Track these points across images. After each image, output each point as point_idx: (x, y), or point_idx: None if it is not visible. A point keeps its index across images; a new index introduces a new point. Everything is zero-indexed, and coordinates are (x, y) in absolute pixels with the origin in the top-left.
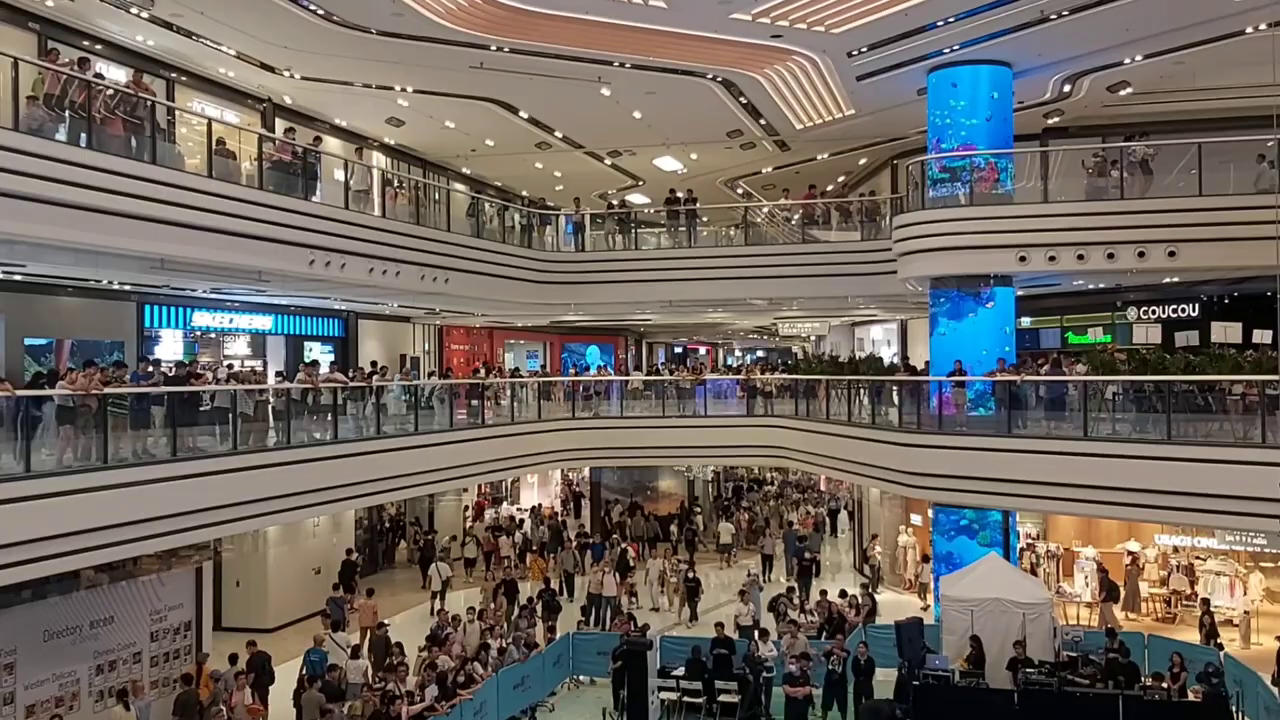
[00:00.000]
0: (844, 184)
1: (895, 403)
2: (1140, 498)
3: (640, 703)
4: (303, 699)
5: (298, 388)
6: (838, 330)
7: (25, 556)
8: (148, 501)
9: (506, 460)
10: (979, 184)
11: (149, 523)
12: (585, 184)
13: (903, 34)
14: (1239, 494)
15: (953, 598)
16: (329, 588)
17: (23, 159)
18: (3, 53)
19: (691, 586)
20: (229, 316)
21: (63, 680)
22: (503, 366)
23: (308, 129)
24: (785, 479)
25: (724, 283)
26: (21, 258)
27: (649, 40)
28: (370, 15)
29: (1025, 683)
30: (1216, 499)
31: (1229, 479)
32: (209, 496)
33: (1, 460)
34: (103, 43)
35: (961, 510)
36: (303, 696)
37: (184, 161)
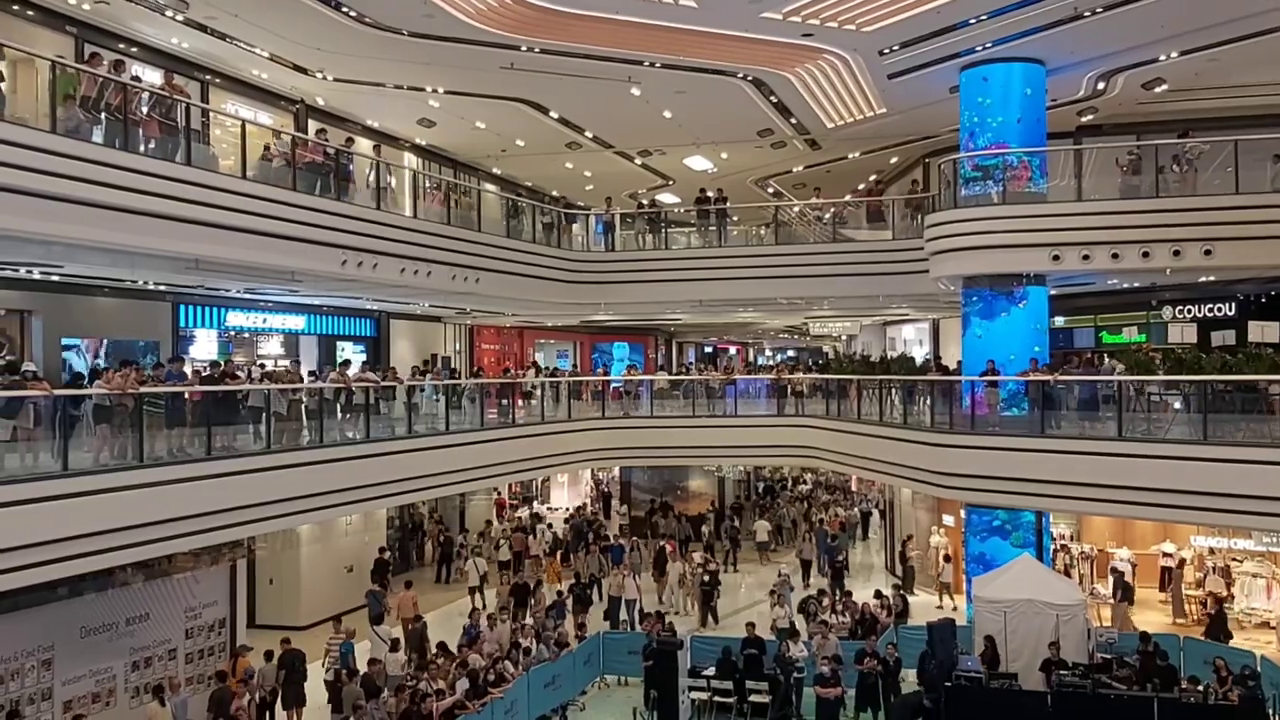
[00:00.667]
0: (877, 182)
1: (927, 403)
2: (1176, 499)
3: (671, 702)
4: (343, 692)
5: (330, 387)
6: (869, 330)
7: (63, 554)
8: (183, 500)
9: (536, 460)
10: (1012, 182)
11: (184, 520)
12: (615, 184)
13: (934, 32)
14: (1276, 495)
15: (985, 599)
16: (361, 586)
17: (60, 161)
18: (41, 55)
19: (707, 590)
20: (262, 316)
21: (99, 676)
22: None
23: (340, 130)
24: (817, 479)
25: (754, 282)
26: (59, 259)
27: (679, 40)
28: (402, 17)
29: (1059, 684)
30: (1253, 500)
31: (1266, 480)
32: (243, 495)
33: (40, 459)
34: (138, 45)
35: (994, 511)
36: (342, 690)
37: (218, 163)
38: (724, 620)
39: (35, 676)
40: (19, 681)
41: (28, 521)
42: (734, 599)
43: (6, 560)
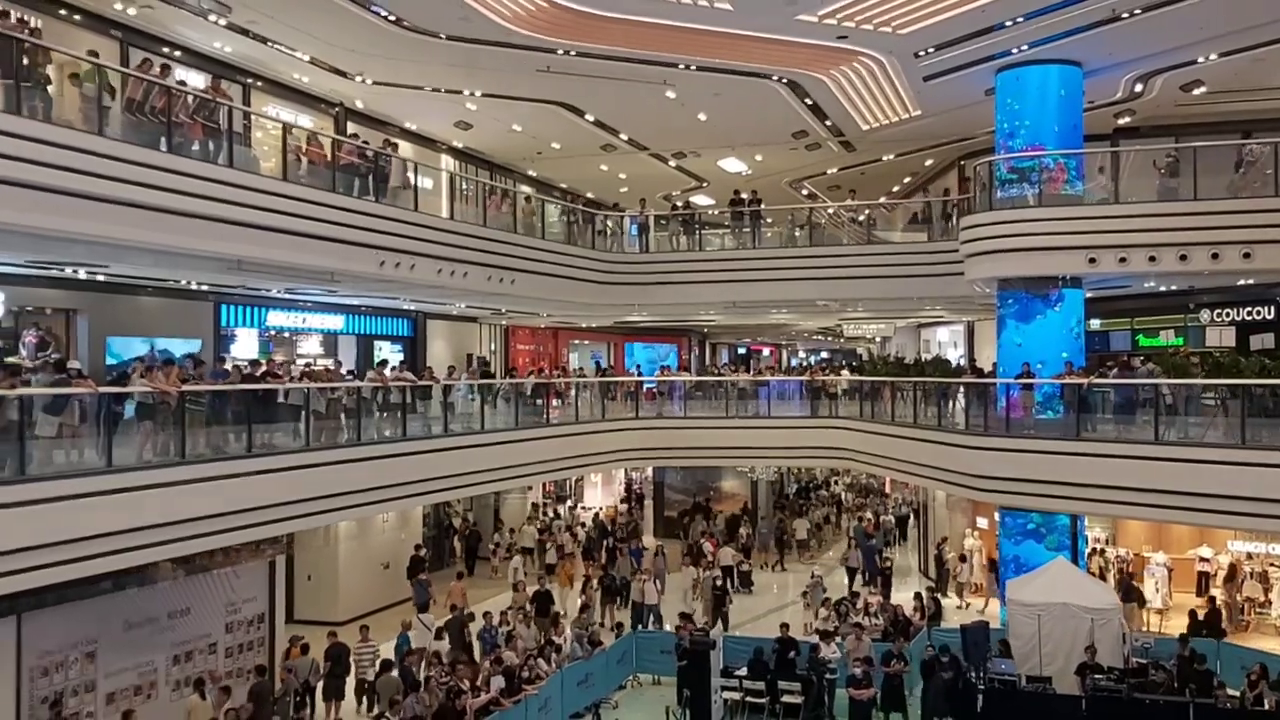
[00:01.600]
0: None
1: (961, 405)
2: (1213, 503)
3: (703, 702)
4: (378, 683)
5: (369, 386)
6: (903, 332)
7: (107, 549)
8: (223, 496)
9: (570, 459)
10: (1048, 185)
11: (224, 516)
12: (650, 185)
13: (971, 34)
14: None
15: (1020, 602)
16: (397, 583)
17: (107, 163)
18: (87, 59)
19: (719, 596)
20: (302, 316)
21: (141, 669)
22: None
23: (379, 132)
24: (848, 482)
25: (788, 284)
26: (104, 259)
27: (714, 42)
28: (439, 20)
29: (1093, 689)
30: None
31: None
32: (282, 492)
33: (84, 455)
34: (181, 49)
35: (1028, 514)
36: (378, 681)
37: (259, 165)
38: (756, 622)
39: (79, 669)
40: (63, 673)
41: (73, 516)
42: (766, 600)
43: (53, 554)
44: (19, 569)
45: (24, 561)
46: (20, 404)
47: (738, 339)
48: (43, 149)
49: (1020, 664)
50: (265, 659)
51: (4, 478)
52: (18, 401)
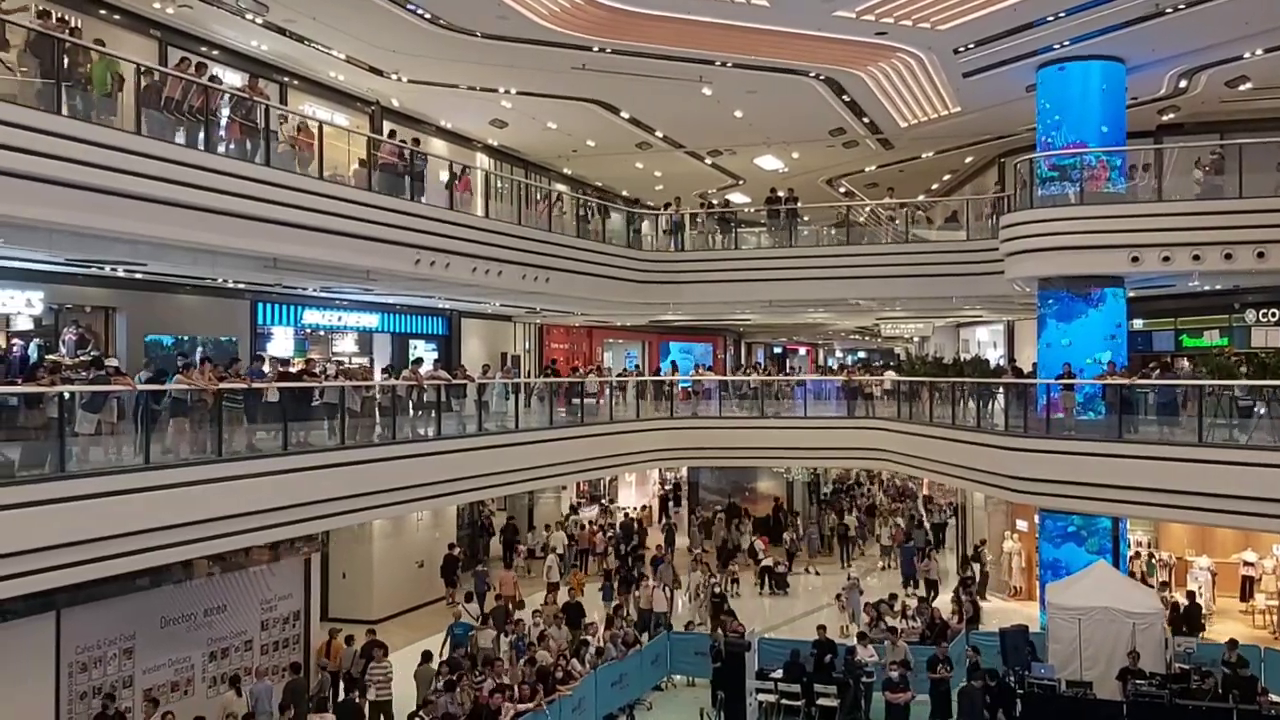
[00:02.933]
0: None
1: (1001, 406)
2: (1258, 506)
3: (738, 704)
4: (415, 673)
5: (403, 385)
6: (942, 331)
7: (145, 545)
8: (259, 494)
9: (604, 459)
10: (1090, 182)
11: (260, 514)
12: (685, 183)
13: (1011, 30)
14: None
15: (1060, 605)
16: (431, 582)
17: (147, 162)
18: (126, 58)
19: (717, 603)
20: (338, 314)
21: (178, 665)
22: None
23: (414, 131)
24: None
25: (824, 283)
26: (143, 257)
27: (751, 39)
28: (475, 18)
29: (1135, 695)
30: None
31: None
32: (317, 490)
33: (122, 452)
34: (219, 48)
35: (1069, 516)
36: (416, 671)
37: (295, 163)
38: (791, 624)
39: (117, 664)
40: (102, 669)
41: (111, 513)
42: (801, 602)
43: (91, 551)
44: (58, 565)
45: (63, 558)
46: (60, 401)
47: (774, 338)
48: (85, 149)
49: (1060, 669)
50: (300, 656)
51: (44, 474)
52: (57, 399)
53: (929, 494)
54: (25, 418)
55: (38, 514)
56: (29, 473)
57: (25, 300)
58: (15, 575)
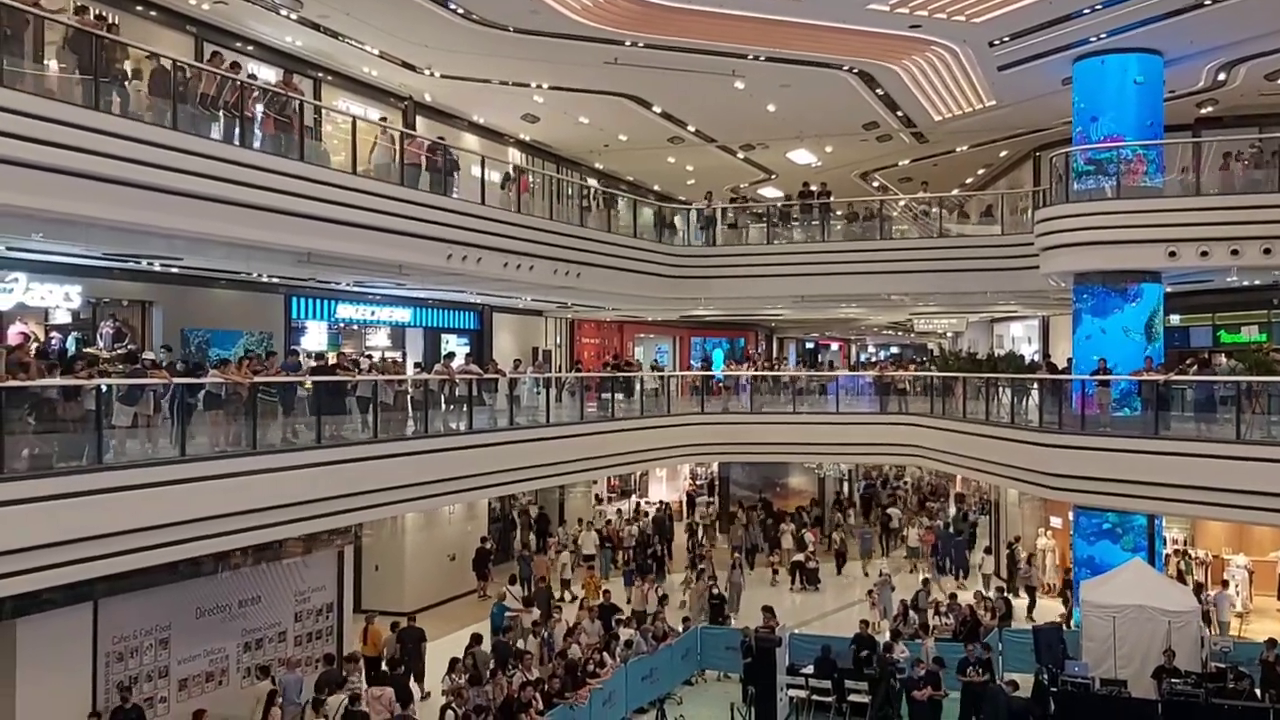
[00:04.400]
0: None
1: (1036, 402)
2: None
3: (769, 700)
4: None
5: (435, 379)
6: (976, 326)
7: (180, 536)
8: (293, 486)
9: (635, 454)
10: (1126, 176)
11: (294, 506)
12: (717, 178)
13: (1047, 22)
14: None
15: (1094, 603)
16: (463, 575)
17: (183, 157)
18: (162, 54)
19: (715, 605)
20: (371, 309)
21: (213, 656)
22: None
23: (447, 126)
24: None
25: (857, 277)
26: (179, 251)
27: (784, 33)
28: (508, 13)
29: (1170, 693)
30: None
31: None
32: (350, 482)
33: (159, 444)
34: (254, 44)
35: (1104, 513)
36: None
37: (330, 159)
38: (823, 620)
39: (153, 654)
40: (138, 659)
41: (148, 505)
42: (831, 598)
43: (128, 542)
44: (96, 556)
45: (100, 549)
46: (97, 394)
47: (806, 333)
48: (122, 144)
49: (1095, 667)
50: (333, 648)
51: (82, 466)
52: (95, 391)
53: (961, 491)
54: (63, 410)
55: (75, 505)
56: (67, 464)
57: (64, 294)
58: (54, 565)
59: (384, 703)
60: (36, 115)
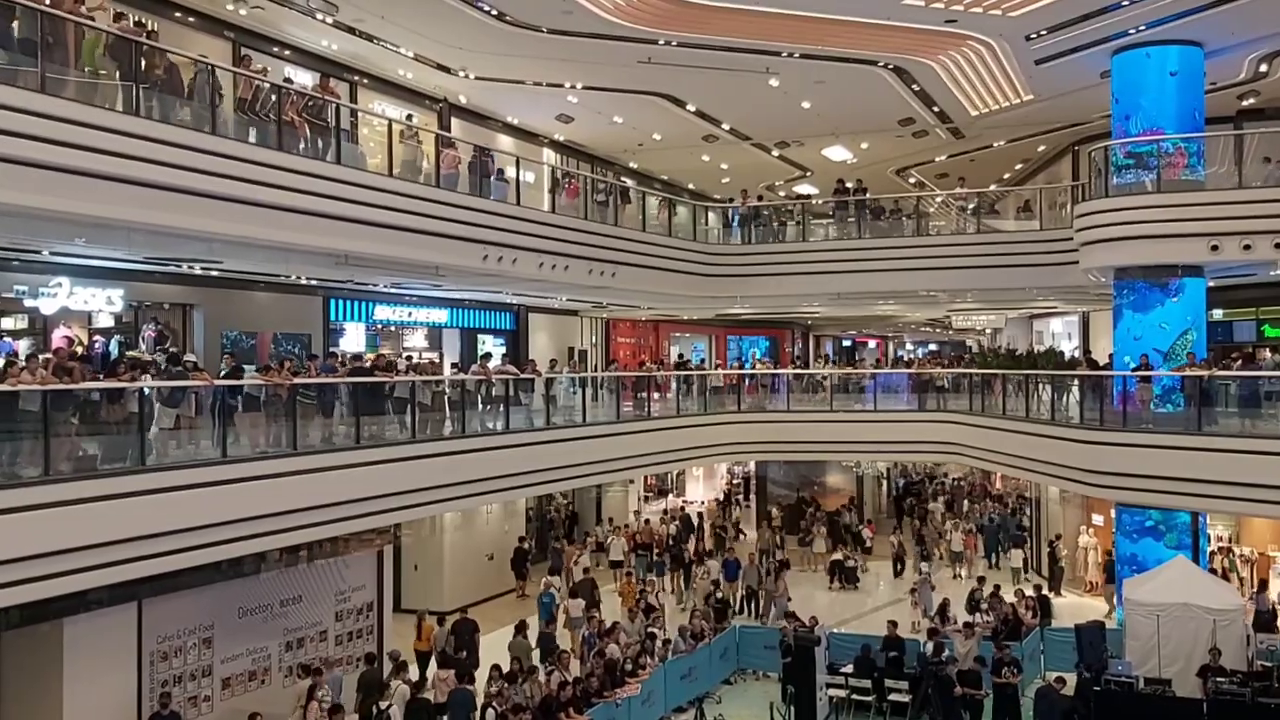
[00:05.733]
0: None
1: (1076, 398)
2: None
3: (808, 699)
4: (509, 645)
5: (472, 379)
6: (1015, 323)
7: (222, 537)
8: (333, 486)
9: (671, 453)
10: (1167, 169)
11: (334, 506)
12: (752, 176)
13: (1085, 15)
14: None
15: (1137, 602)
16: (501, 574)
17: (223, 162)
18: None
19: (719, 609)
20: (408, 310)
21: (255, 655)
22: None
23: (482, 127)
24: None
25: (894, 274)
26: (218, 255)
27: (819, 29)
28: (542, 14)
29: (1215, 692)
30: None
31: None
32: (389, 482)
33: (201, 445)
34: (291, 48)
35: (1147, 511)
36: (509, 644)
37: (366, 161)
38: (862, 619)
39: (196, 654)
40: (181, 658)
41: (191, 505)
42: (872, 597)
43: (171, 542)
44: (140, 556)
45: (144, 549)
46: (140, 396)
47: (843, 331)
48: (160, 148)
49: (1138, 666)
50: (374, 647)
51: (125, 468)
52: (137, 394)
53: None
54: (107, 412)
55: (120, 506)
56: (111, 466)
57: (106, 298)
58: (100, 566)
59: (449, 684)
60: (77, 121)
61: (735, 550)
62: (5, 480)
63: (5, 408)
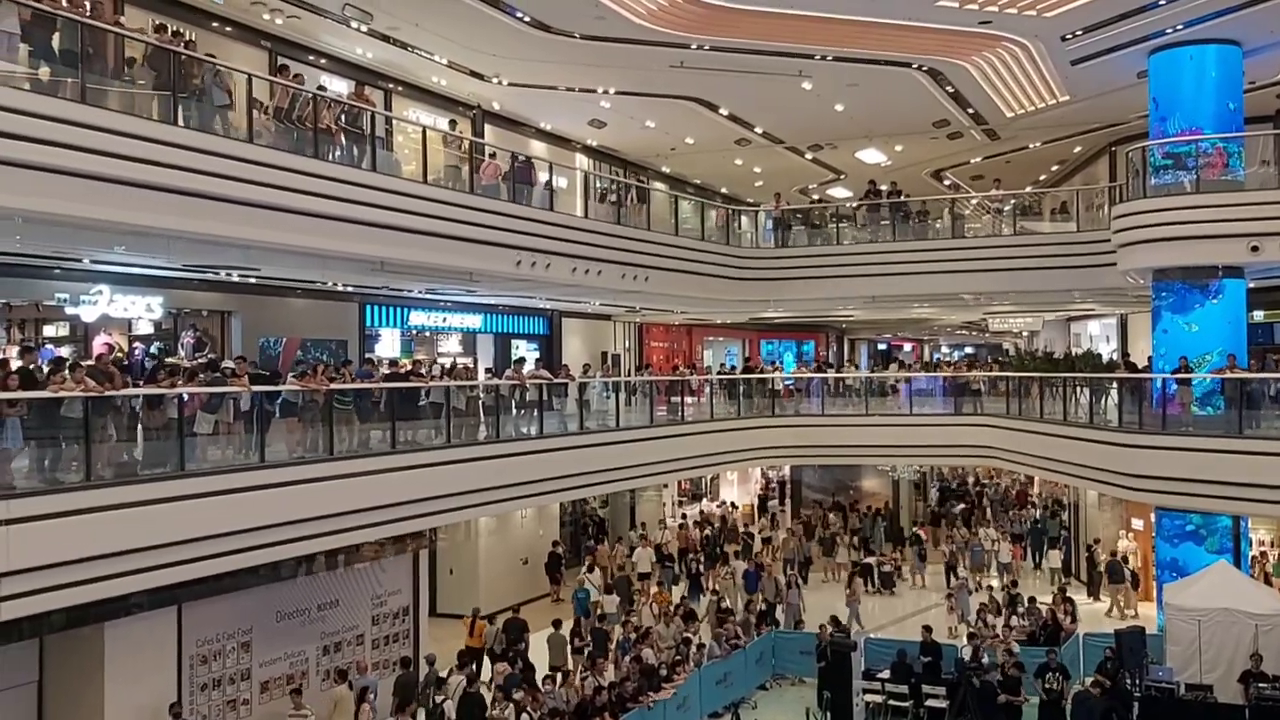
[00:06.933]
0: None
1: (1115, 401)
2: None
3: (844, 705)
4: (549, 639)
5: (506, 384)
6: (1052, 326)
7: (261, 541)
8: (369, 491)
9: (706, 457)
10: (1206, 170)
11: (370, 511)
12: (785, 179)
13: (1122, 15)
14: None
15: (1178, 607)
16: (535, 578)
17: (260, 170)
18: (238, 69)
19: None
20: (442, 316)
21: (293, 659)
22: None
23: (515, 134)
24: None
25: (928, 277)
26: (256, 262)
27: (852, 32)
28: (574, 20)
29: (1258, 698)
30: None
31: None
32: (425, 487)
33: (239, 451)
34: (326, 57)
35: (1187, 515)
36: (549, 637)
37: (401, 168)
38: (899, 623)
39: (235, 657)
40: (221, 661)
41: (230, 510)
42: (908, 601)
43: (211, 546)
44: (179, 560)
45: (184, 553)
46: (179, 402)
47: (878, 334)
48: (201, 158)
49: (1179, 671)
50: (410, 651)
51: (165, 473)
52: (177, 400)
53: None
54: (147, 418)
55: (160, 511)
56: (151, 471)
57: (145, 305)
58: (141, 570)
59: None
60: (119, 131)
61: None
62: (48, 485)
63: (48, 414)
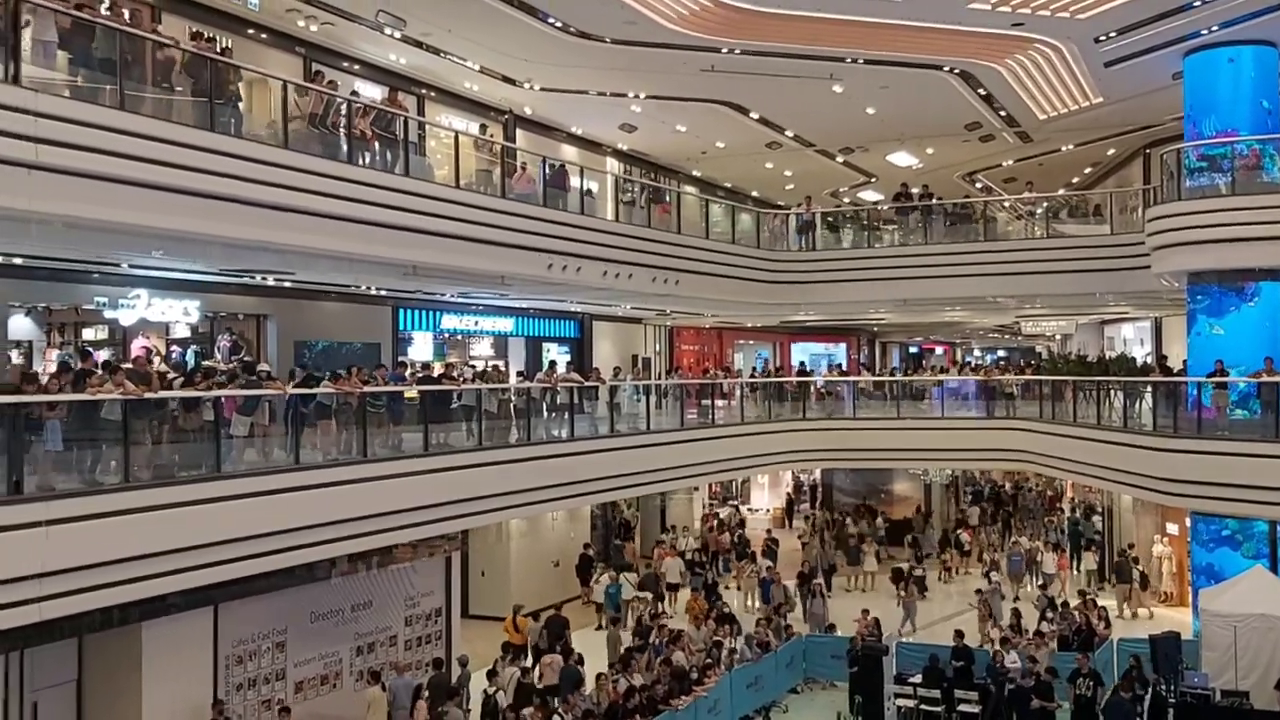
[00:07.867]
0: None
1: (1149, 405)
2: None
3: (876, 709)
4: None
5: (537, 387)
6: (1085, 329)
7: (296, 543)
8: (402, 493)
9: (736, 460)
10: (1242, 172)
11: (404, 513)
12: (816, 182)
13: (1156, 16)
14: None
15: (1214, 612)
16: (566, 580)
17: (295, 175)
18: (274, 75)
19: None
20: (474, 319)
21: (327, 660)
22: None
23: (546, 138)
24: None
25: (960, 280)
26: (291, 266)
27: (883, 35)
28: (605, 25)
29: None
30: None
31: None
32: (457, 489)
33: (274, 453)
34: (360, 63)
35: (1224, 520)
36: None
37: (434, 173)
38: (931, 628)
39: (270, 658)
40: (256, 661)
41: (265, 511)
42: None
43: (247, 548)
44: (216, 561)
45: (221, 554)
46: (215, 405)
47: (909, 337)
48: (237, 163)
49: (1215, 677)
50: (442, 652)
51: (202, 475)
52: (213, 402)
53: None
54: (184, 420)
55: (197, 512)
56: (188, 473)
57: (183, 309)
58: (178, 571)
59: (554, 668)
60: (156, 137)
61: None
62: (87, 487)
63: (86, 417)
